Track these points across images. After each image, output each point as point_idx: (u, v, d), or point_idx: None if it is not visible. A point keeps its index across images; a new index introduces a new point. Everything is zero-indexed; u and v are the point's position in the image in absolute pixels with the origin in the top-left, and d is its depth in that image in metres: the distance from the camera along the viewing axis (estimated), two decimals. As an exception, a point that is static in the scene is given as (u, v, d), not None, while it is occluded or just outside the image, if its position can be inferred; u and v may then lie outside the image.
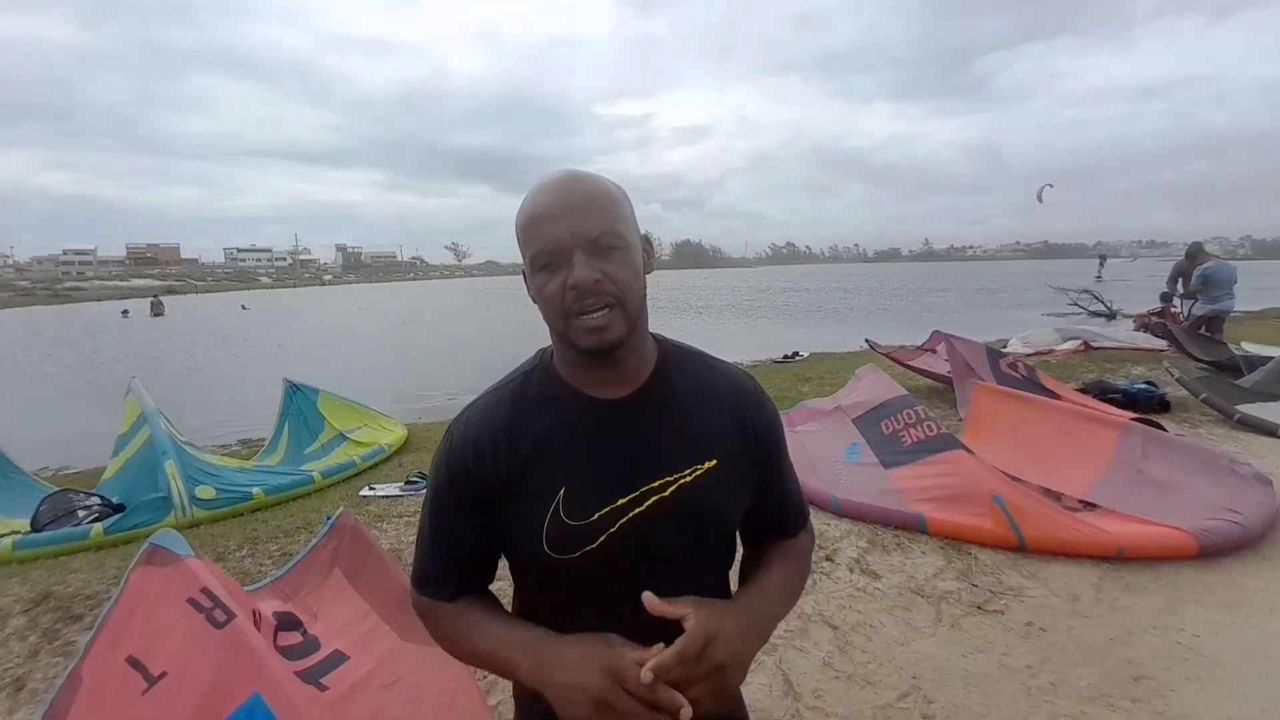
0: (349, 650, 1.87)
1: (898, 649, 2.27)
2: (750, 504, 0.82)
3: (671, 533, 0.74)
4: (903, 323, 17.14)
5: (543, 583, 0.78)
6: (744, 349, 12.39)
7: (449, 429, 0.80)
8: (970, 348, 5.61)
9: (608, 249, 0.69)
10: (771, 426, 0.83)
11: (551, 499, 0.72)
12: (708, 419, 0.78)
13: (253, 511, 4.13)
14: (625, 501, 0.72)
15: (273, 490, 4.37)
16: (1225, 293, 7.45)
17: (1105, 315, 13.87)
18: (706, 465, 0.75)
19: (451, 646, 0.80)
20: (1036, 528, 2.92)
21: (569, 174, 0.72)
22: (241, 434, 7.17)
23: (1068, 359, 8.16)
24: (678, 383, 0.78)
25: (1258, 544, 2.90)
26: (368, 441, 5.49)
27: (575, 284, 0.67)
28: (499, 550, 0.81)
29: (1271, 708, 1.92)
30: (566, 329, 0.70)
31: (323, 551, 2.19)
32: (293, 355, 15.48)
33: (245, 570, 3.04)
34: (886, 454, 3.66)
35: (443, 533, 0.79)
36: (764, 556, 0.86)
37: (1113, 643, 2.28)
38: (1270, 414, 4.76)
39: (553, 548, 0.72)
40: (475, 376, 10.21)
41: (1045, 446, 3.84)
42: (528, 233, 0.71)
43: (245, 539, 3.46)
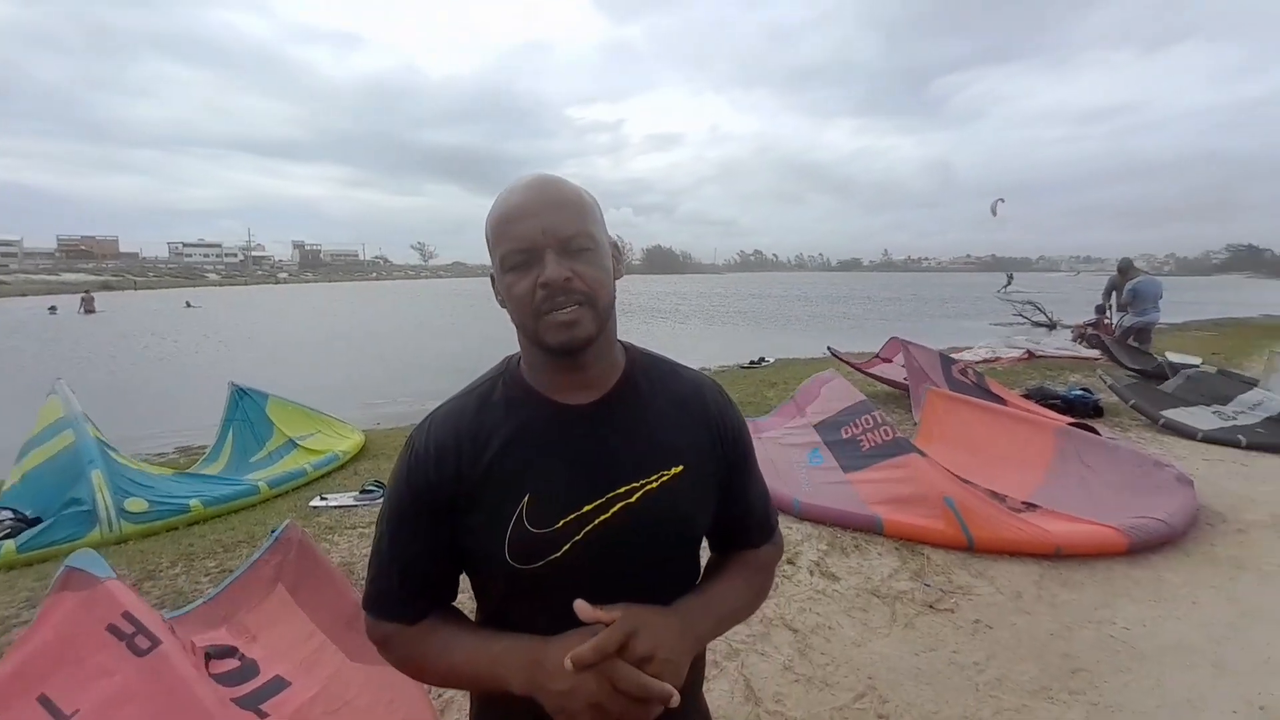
0: (291, 675, 1.79)
1: (855, 650, 2.34)
2: (715, 511, 0.81)
3: (638, 540, 0.73)
4: (863, 330, 17.72)
5: (505, 596, 0.76)
6: (712, 354, 12.57)
7: (410, 436, 0.77)
8: (925, 354, 5.85)
9: (580, 250, 0.69)
10: (738, 434, 0.83)
11: (515, 506, 0.71)
12: (675, 425, 0.77)
13: (189, 525, 3.89)
14: (591, 509, 0.71)
15: (212, 501, 4.13)
16: (1151, 306, 8.03)
17: (1047, 326, 14.74)
18: (674, 471, 0.75)
19: (421, 670, 0.77)
20: (984, 528, 3.06)
21: (541, 176, 0.73)
22: (181, 441, 6.78)
23: (1013, 366, 8.68)
24: (645, 389, 0.78)
25: (1180, 541, 3.13)
26: (320, 449, 5.25)
27: (547, 282, 0.67)
28: (460, 565, 0.78)
29: (1195, 696, 2.07)
30: (536, 327, 0.69)
31: (264, 567, 2.08)
32: (240, 357, 14.75)
33: (179, 589, 2.88)
34: (846, 458, 3.77)
35: (403, 547, 0.75)
36: (721, 564, 0.86)
37: (1052, 637, 2.40)
38: (1190, 419, 5.14)
39: (516, 557, 0.71)
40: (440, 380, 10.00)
41: (991, 450, 4.04)
42: (499, 231, 0.71)
43: (180, 555, 3.27)
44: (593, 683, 0.63)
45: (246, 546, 3.31)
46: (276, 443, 5.32)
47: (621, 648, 0.64)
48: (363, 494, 4.18)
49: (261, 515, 4.03)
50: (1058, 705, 2.04)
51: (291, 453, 5.22)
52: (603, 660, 0.63)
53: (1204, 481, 3.82)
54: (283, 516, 3.88)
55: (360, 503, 4.05)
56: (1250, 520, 3.42)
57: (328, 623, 2.00)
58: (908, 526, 3.18)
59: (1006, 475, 3.77)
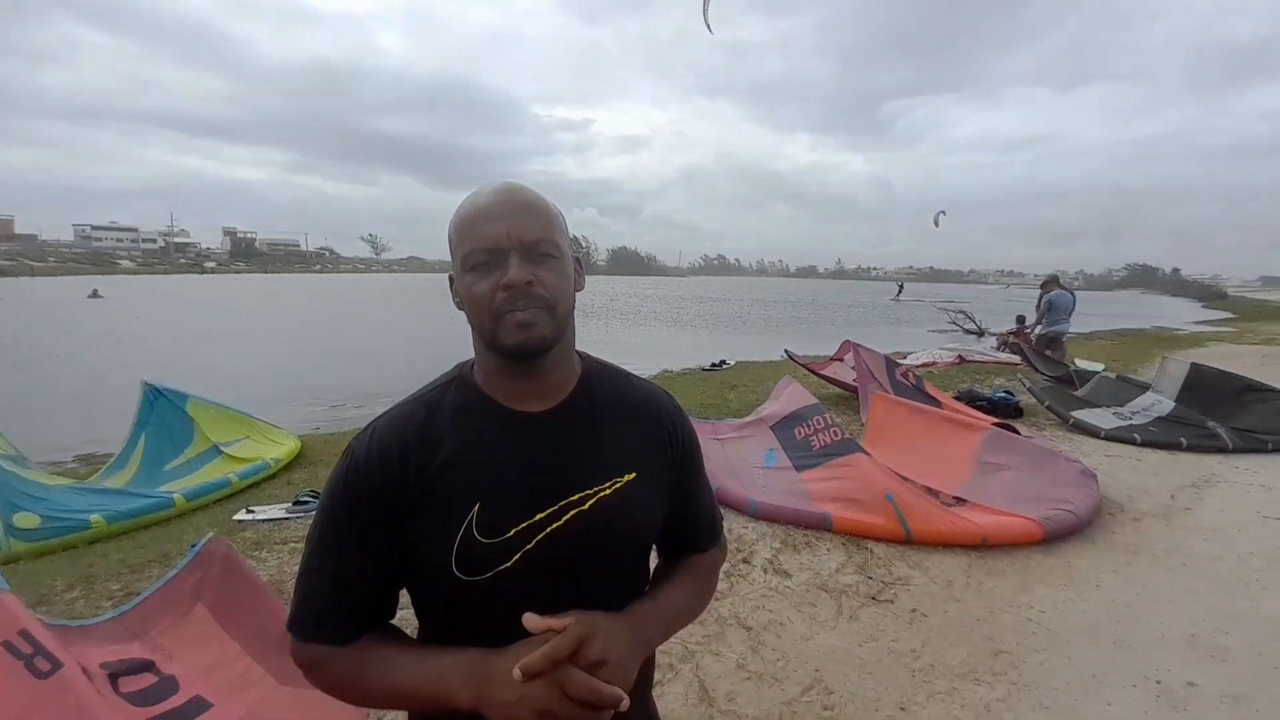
0: (213, 697, 1.68)
1: (804, 644, 2.45)
2: (666, 517, 0.82)
3: (590, 548, 0.73)
4: (814, 335, 18.37)
5: (451, 610, 0.73)
6: (674, 357, 12.66)
7: (351, 443, 0.74)
8: (873, 357, 6.18)
9: (543, 256, 0.69)
10: (689, 442, 0.84)
11: (464, 515, 0.69)
12: (628, 433, 0.78)
13: (90, 543, 3.51)
14: (543, 517, 0.70)
15: (118, 516, 3.72)
16: (1063, 317, 8.85)
17: (976, 333, 15.85)
18: (626, 478, 0.75)
19: (356, 694, 0.72)
20: (921, 522, 3.27)
21: (509, 183, 0.73)
22: (81, 449, 6.06)
23: (947, 369, 9.35)
24: (600, 397, 0.78)
25: (1087, 530, 3.45)
26: (248, 456, 4.85)
27: (509, 283, 0.67)
28: (400, 580, 0.75)
29: (1100, 671, 2.29)
30: (494, 329, 0.69)
31: (182, 584, 1.92)
32: (155, 355, 13.57)
33: (77, 614, 2.61)
34: (799, 458, 3.94)
35: (338, 562, 0.72)
36: (670, 569, 0.88)
37: (979, 623, 2.60)
38: (1095, 419, 5.67)
39: (463, 568, 0.69)
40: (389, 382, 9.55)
41: (927, 448, 4.31)
42: (463, 231, 0.70)
43: (78, 577, 2.96)
44: (542, 690, 0.62)
45: (158, 566, 3.03)
46: (198, 449, 4.83)
47: (573, 654, 0.64)
48: (297, 505, 3.90)
49: (177, 531, 3.69)
50: (983, 686, 2.21)
51: (214, 460, 4.79)
52: (554, 667, 0.63)
53: (1106, 475, 4.23)
54: (200, 531, 3.60)
55: (294, 515, 3.77)
56: (1144, 510, 3.82)
57: (255, 645, 1.86)
58: (853, 522, 3.35)
59: (940, 472, 4.04)
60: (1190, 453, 4.98)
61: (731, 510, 3.63)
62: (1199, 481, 4.34)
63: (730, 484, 3.83)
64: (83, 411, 7.92)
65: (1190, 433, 5.23)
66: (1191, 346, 13.00)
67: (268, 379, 10.81)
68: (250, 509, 3.92)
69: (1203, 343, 14.49)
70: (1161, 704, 2.11)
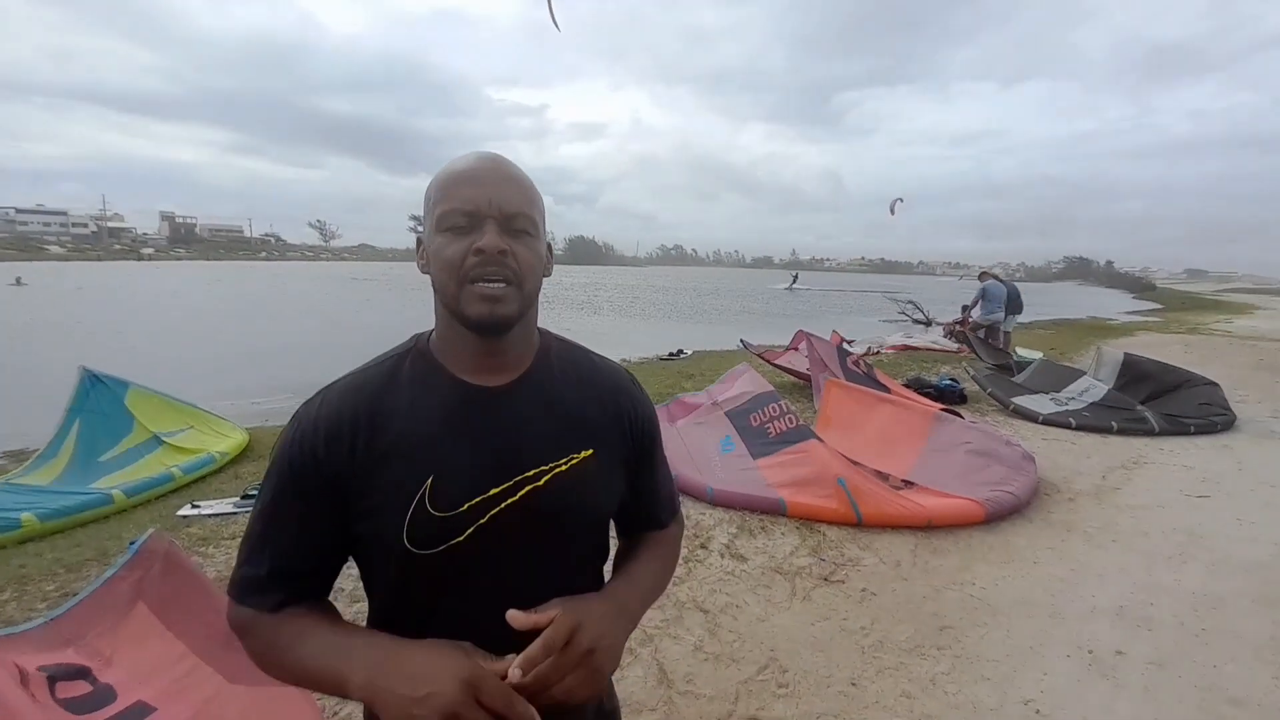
0: (156, 700, 1.61)
1: (759, 625, 2.50)
2: (624, 496, 0.82)
3: (544, 524, 0.72)
4: (767, 324, 18.70)
5: (401, 585, 0.71)
6: (632, 346, 12.66)
7: (298, 410, 0.72)
8: (825, 346, 6.32)
9: (519, 231, 0.69)
10: (648, 420, 0.84)
11: (417, 488, 0.67)
12: (586, 409, 0.77)
13: (21, 543, 3.31)
14: (498, 492, 0.69)
15: (52, 515, 3.52)
16: (996, 306, 9.27)
17: (924, 323, 16.43)
18: (583, 454, 0.74)
19: (272, 665, 0.70)
20: (871, 505, 3.37)
21: (496, 154, 0.72)
22: (8, 446, 5.67)
23: (895, 357, 9.66)
24: (558, 373, 0.78)
25: (1025, 509, 3.63)
26: (193, 448, 4.62)
27: (482, 249, 0.66)
28: (340, 556, 0.73)
29: (1036, 643, 2.42)
30: (459, 294, 0.67)
31: (121, 585, 1.83)
32: (89, 344, 12.71)
33: (9, 618, 2.48)
34: (755, 445, 3.99)
35: (277, 529, 0.70)
36: (635, 546, 0.88)
37: (925, 600, 2.71)
38: (1033, 404, 5.96)
39: (415, 541, 0.67)
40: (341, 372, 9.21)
41: (877, 433, 4.44)
42: (444, 189, 0.69)
43: (10, 579, 2.81)
44: (453, 692, 0.58)
45: (96, 565, 2.90)
46: (137, 439, 4.55)
47: (566, 642, 0.63)
48: (245, 499, 3.76)
49: (116, 528, 3.51)
50: (928, 660, 2.30)
51: (155, 451, 4.53)
52: (549, 656, 0.62)
53: (1043, 458, 4.46)
54: (143, 528, 3.42)
55: (241, 509, 3.64)
56: (1078, 490, 4.04)
57: (201, 643, 1.79)
58: (807, 507, 3.43)
59: (889, 456, 4.17)
60: (1120, 436, 5.30)
61: (689, 497, 3.66)
62: (1128, 463, 4.62)
63: (688, 471, 3.86)
64: (9, 405, 7.37)
65: (1121, 417, 5.56)
66: (1123, 336, 13.82)
67: (212, 370, 10.30)
68: (195, 504, 3.77)
69: (1133, 332, 15.44)
70: (1093, 672, 2.24)
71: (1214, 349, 11.08)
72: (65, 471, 4.30)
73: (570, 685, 0.63)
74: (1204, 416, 5.55)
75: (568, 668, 0.63)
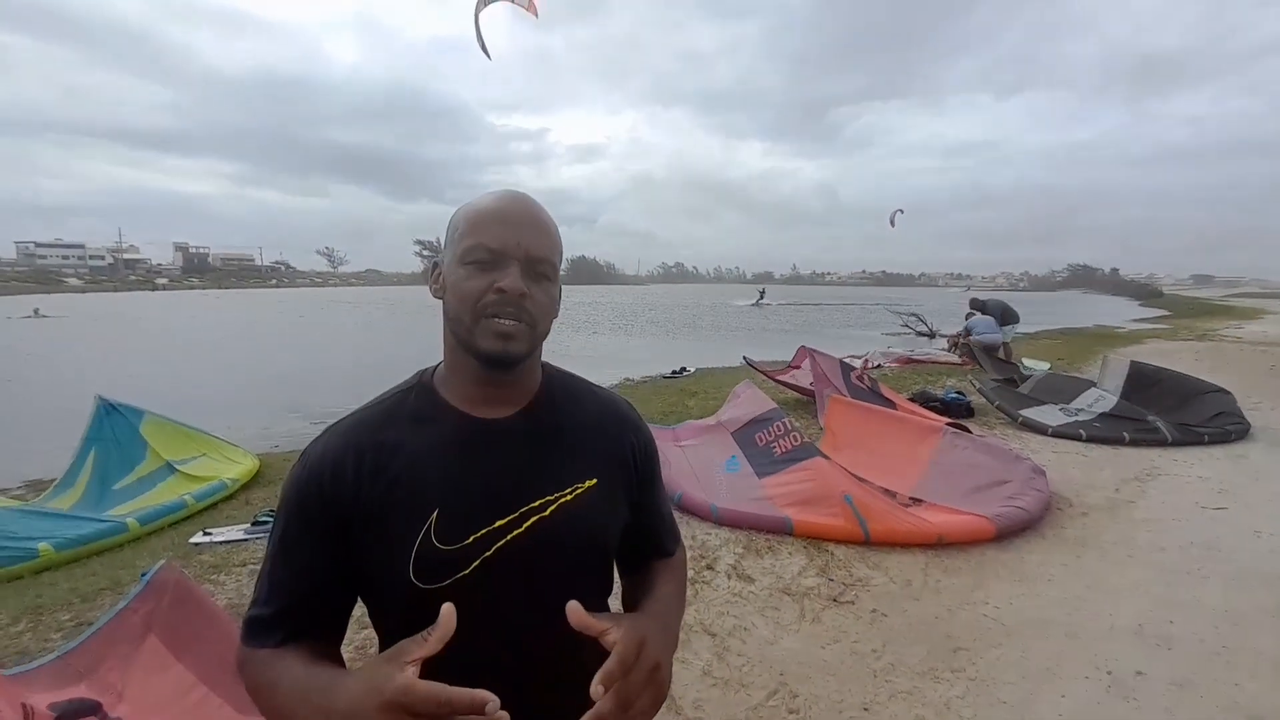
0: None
1: (768, 648, 2.46)
2: (628, 525, 0.83)
3: (551, 555, 0.72)
4: (765, 341, 18.69)
5: (408, 621, 0.68)
6: (635, 365, 12.72)
7: (306, 448, 0.74)
8: (829, 362, 6.31)
9: (541, 275, 0.71)
10: (649, 449, 0.86)
11: (423, 522, 0.68)
12: (588, 440, 0.79)
13: (38, 573, 3.35)
14: (504, 523, 0.70)
15: (68, 544, 3.55)
16: (988, 330, 9.53)
17: (928, 335, 16.39)
18: (587, 484, 0.75)
19: (263, 706, 0.67)
20: (879, 523, 3.33)
21: (526, 195, 0.74)
22: (29, 474, 5.73)
23: (899, 371, 9.64)
24: (560, 405, 0.79)
25: (1037, 525, 3.57)
26: (205, 475, 4.68)
27: (504, 289, 0.68)
28: (349, 594, 0.74)
29: (1053, 665, 2.36)
30: (473, 327, 0.69)
31: (133, 616, 1.86)
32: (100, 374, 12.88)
33: (24, 649, 2.48)
34: (760, 464, 3.97)
35: (285, 569, 0.71)
36: (649, 574, 0.88)
37: (937, 620, 2.66)
38: (1042, 416, 5.90)
39: (421, 576, 0.68)
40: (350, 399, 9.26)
41: (883, 450, 4.41)
42: (475, 223, 0.71)
43: (25, 609, 2.82)
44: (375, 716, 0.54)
45: (110, 595, 2.91)
46: (150, 467, 4.65)
47: (637, 657, 0.62)
48: (255, 525, 3.79)
49: (130, 557, 3.54)
50: (942, 684, 2.25)
51: (168, 479, 4.60)
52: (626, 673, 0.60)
53: (1054, 471, 4.40)
54: (156, 556, 3.45)
55: (252, 535, 3.66)
56: (1090, 504, 3.98)
57: (212, 673, 1.81)
58: (814, 525, 3.39)
59: (896, 472, 4.14)
60: (1132, 447, 5.22)
61: (694, 516, 3.63)
62: (1141, 475, 4.55)
63: (693, 490, 3.84)
64: (30, 435, 7.47)
65: (1132, 427, 5.49)
66: (1131, 344, 13.69)
67: (223, 396, 10.40)
68: (207, 531, 3.80)
69: (1141, 340, 15.29)
70: (1113, 694, 2.19)
71: (1225, 355, 10.96)
72: (82, 499, 4.40)
73: (644, 705, 0.62)
74: (1218, 425, 5.47)
75: (640, 685, 0.62)
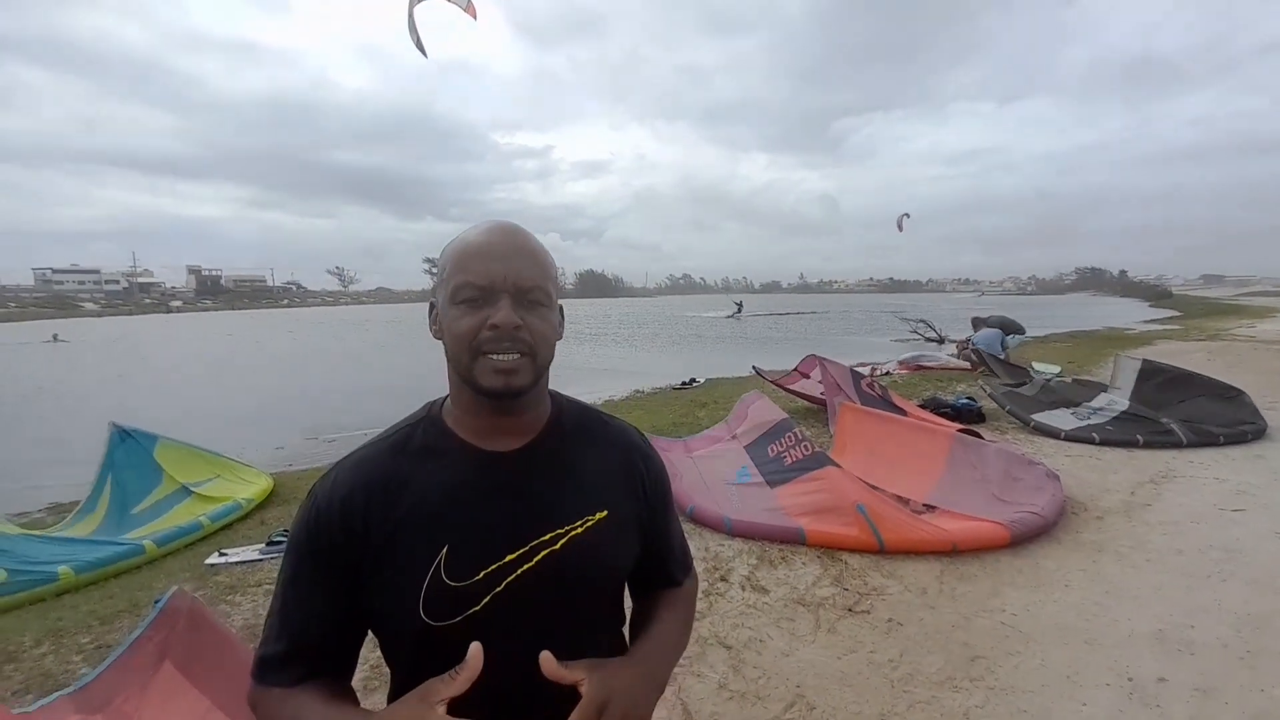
0: None
1: (784, 660, 2.44)
2: (639, 553, 0.82)
3: (561, 588, 0.72)
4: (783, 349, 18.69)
5: (419, 658, 0.70)
6: (644, 377, 12.75)
7: (314, 486, 0.73)
8: (839, 369, 6.31)
9: (534, 303, 0.70)
10: (659, 478, 0.85)
11: (432, 559, 0.67)
12: (598, 471, 0.78)
13: (59, 595, 3.40)
14: (514, 557, 0.69)
15: (87, 567, 3.61)
16: (992, 343, 10.41)
17: (937, 341, 16.35)
18: (597, 516, 0.74)
19: None
20: (893, 531, 3.31)
21: (511, 223, 0.73)
22: (51, 497, 5.82)
23: (909, 378, 9.60)
24: (570, 436, 0.78)
25: (1052, 530, 3.54)
26: (219, 496, 4.73)
27: (497, 324, 0.67)
28: (361, 631, 0.74)
29: (1073, 672, 2.33)
30: (472, 366, 0.68)
31: (146, 645, 1.86)
32: (118, 398, 13.03)
33: (47, 671, 2.52)
34: (772, 474, 3.97)
35: (295, 607, 0.71)
36: (653, 606, 0.87)
37: (954, 629, 2.63)
38: (1055, 420, 5.85)
39: (431, 613, 0.67)
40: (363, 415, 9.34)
41: (895, 457, 4.39)
42: (460, 262, 0.70)
43: (47, 632, 2.86)
44: None
45: (129, 616, 2.95)
46: (166, 490, 4.72)
47: (599, 714, 0.63)
48: (270, 545, 3.82)
49: (148, 578, 3.58)
50: (961, 693, 2.23)
51: (184, 501, 4.67)
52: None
53: (1068, 475, 4.36)
54: (173, 577, 3.49)
55: (267, 555, 3.70)
56: (1106, 507, 3.94)
57: (227, 698, 1.81)
58: (827, 535, 3.38)
59: (908, 480, 4.11)
60: (1147, 449, 5.17)
61: (707, 529, 3.63)
62: (1156, 477, 4.50)
63: (705, 502, 3.84)
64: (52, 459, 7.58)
65: (1146, 429, 5.44)
66: (1141, 345, 13.57)
67: (237, 417, 10.50)
68: (223, 551, 3.84)
69: (1151, 341, 15.15)
70: (1134, 701, 2.15)
71: (1238, 355, 10.84)
72: (103, 524, 4.48)
73: None
74: (1233, 426, 5.41)
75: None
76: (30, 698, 2.30)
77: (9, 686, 2.45)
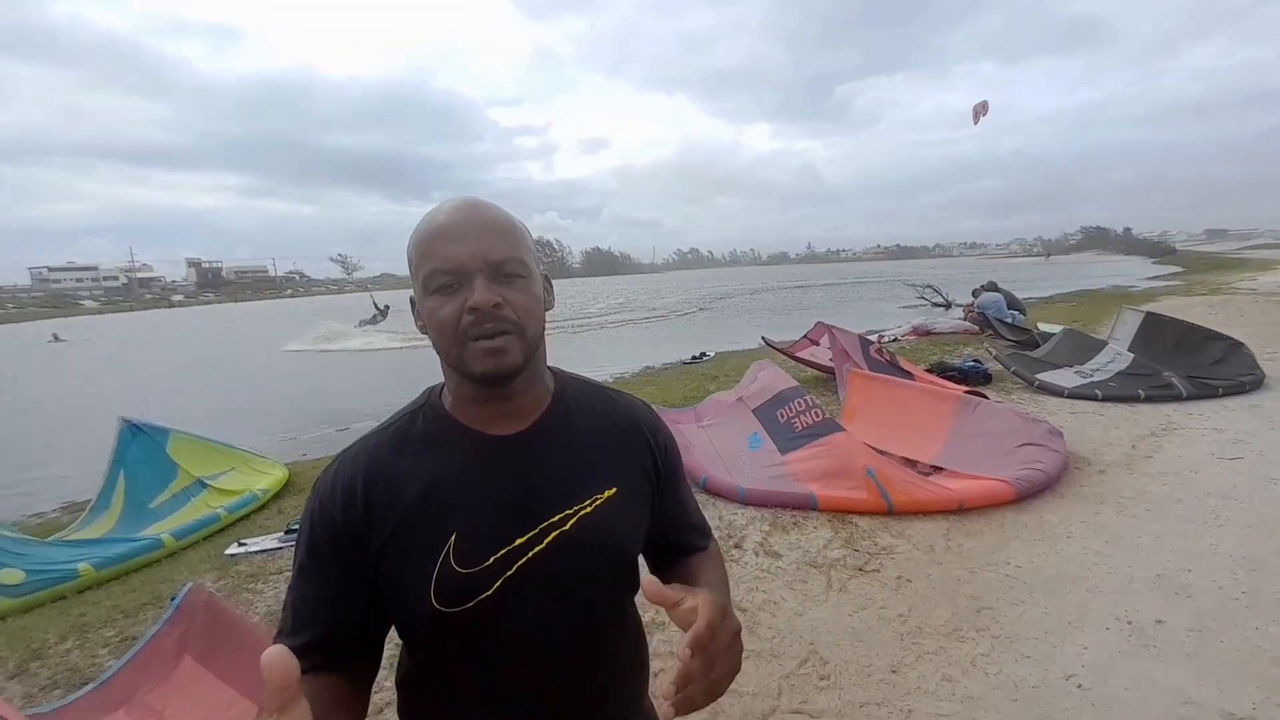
0: None
1: (797, 620, 2.54)
2: (655, 527, 0.81)
3: (573, 568, 0.70)
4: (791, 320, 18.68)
5: (432, 644, 0.70)
6: (655, 352, 12.79)
7: (317, 479, 0.72)
8: (847, 336, 6.34)
9: (511, 276, 0.67)
10: (669, 451, 0.83)
11: (441, 547, 0.66)
12: (605, 448, 0.76)
13: (80, 592, 3.47)
14: (524, 541, 0.68)
15: (106, 563, 3.67)
16: (996, 309, 10.44)
17: (944, 306, 16.32)
18: (606, 494, 0.73)
19: None
20: (901, 493, 3.40)
21: (471, 198, 0.70)
22: (65, 497, 5.94)
23: (917, 343, 9.68)
24: (575, 414, 0.76)
25: (1056, 485, 3.62)
26: (236, 488, 4.81)
27: (476, 306, 0.64)
28: (376, 619, 0.71)
29: (1075, 618, 2.43)
30: (461, 354, 0.66)
31: (166, 640, 1.91)
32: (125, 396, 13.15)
33: (73, 666, 2.61)
34: (782, 440, 4.04)
35: (305, 600, 0.69)
36: (690, 568, 0.84)
37: (960, 583, 2.73)
38: (1058, 379, 5.91)
39: (442, 600, 0.66)
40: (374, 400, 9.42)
41: (903, 420, 4.45)
42: (424, 250, 0.66)
43: (71, 628, 2.94)
44: None
45: (152, 608, 3.03)
46: (181, 484, 4.77)
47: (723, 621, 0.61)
48: (288, 534, 3.93)
49: (169, 571, 3.66)
50: (967, 643, 2.33)
51: (201, 494, 4.75)
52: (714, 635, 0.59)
53: (1071, 432, 4.44)
54: (194, 569, 3.58)
55: (286, 544, 3.79)
56: (1108, 461, 4.02)
57: (250, 685, 1.84)
58: (837, 499, 3.47)
59: (916, 442, 4.19)
60: (1148, 404, 5.24)
61: (720, 498, 3.72)
62: (1157, 430, 4.57)
63: (717, 472, 3.92)
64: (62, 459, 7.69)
65: (1147, 384, 5.49)
66: (1145, 302, 13.52)
67: (248, 408, 10.61)
68: (242, 542, 3.91)
69: (1155, 298, 15.11)
70: (1133, 642, 2.25)
71: (1239, 308, 10.84)
72: (119, 522, 4.50)
73: (724, 669, 0.61)
74: (1232, 377, 5.46)
75: (724, 649, 0.61)
76: (59, 693, 2.35)
77: (37, 683, 2.50)
